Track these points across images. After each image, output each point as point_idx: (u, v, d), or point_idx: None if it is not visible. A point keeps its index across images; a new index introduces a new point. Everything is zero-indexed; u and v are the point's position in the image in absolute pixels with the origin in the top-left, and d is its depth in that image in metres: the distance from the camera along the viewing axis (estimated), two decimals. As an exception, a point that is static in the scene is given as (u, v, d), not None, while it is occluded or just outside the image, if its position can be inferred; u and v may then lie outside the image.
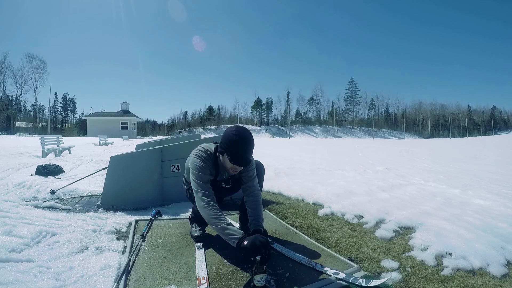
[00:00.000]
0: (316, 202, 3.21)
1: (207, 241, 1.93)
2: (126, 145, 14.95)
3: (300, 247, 1.94)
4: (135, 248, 1.82)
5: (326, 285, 1.49)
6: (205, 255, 1.76)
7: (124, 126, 38.35)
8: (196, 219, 2.00)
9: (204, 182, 1.68)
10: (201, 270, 1.57)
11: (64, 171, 4.98)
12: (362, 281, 1.48)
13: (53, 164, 4.97)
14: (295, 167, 6.28)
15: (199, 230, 2.00)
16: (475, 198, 3.45)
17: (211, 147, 1.82)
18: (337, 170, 6.01)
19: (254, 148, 1.74)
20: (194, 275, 1.52)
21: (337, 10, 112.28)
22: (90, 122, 39.73)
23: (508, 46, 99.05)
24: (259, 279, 1.39)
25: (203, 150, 1.78)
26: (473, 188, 4.14)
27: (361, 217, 2.68)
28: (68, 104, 69.66)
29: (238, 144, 1.64)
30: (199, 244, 1.88)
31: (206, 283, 1.44)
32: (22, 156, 7.85)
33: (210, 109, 73.45)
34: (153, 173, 2.99)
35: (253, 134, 1.82)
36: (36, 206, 2.76)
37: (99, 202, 2.83)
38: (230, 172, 1.76)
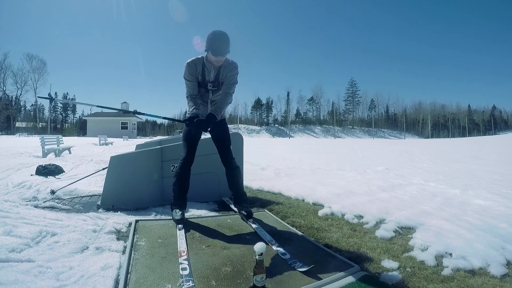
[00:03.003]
0: (316, 202, 3.20)
1: (186, 223, 2.30)
2: (126, 145, 14.97)
3: (300, 247, 1.94)
4: (135, 248, 1.82)
5: (325, 285, 1.49)
6: (185, 234, 2.07)
7: (124, 126, 38.39)
8: (176, 202, 2.42)
9: (189, 85, 2.31)
10: (182, 245, 1.88)
11: (64, 171, 4.98)
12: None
13: (53, 164, 4.97)
14: (295, 167, 6.28)
15: (180, 214, 2.33)
16: (475, 198, 3.45)
17: (201, 55, 2.30)
18: (337, 170, 6.01)
19: (229, 43, 2.15)
20: (194, 275, 1.52)
21: (337, 10, 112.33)
22: (90, 122, 39.76)
23: (508, 46, 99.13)
24: (259, 279, 1.39)
25: (190, 60, 2.28)
26: (473, 188, 4.14)
27: (361, 217, 2.68)
28: (68, 104, 69.67)
29: (213, 39, 2.12)
30: (179, 226, 2.21)
31: (186, 255, 1.73)
32: (22, 156, 7.86)
33: (210, 109, 73.27)
34: (153, 173, 2.98)
35: (253, 134, 1.94)
36: (36, 206, 2.76)
37: (99, 202, 2.83)
38: (215, 64, 2.24)
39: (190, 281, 1.44)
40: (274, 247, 1.89)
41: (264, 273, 1.41)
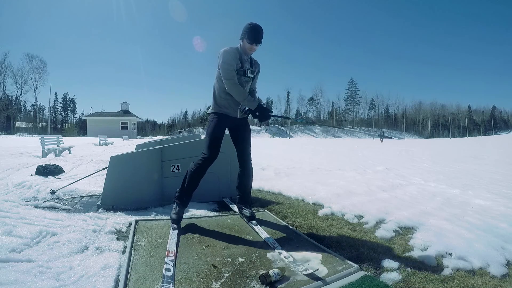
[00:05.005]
0: (316, 202, 3.20)
1: (183, 224, 2.26)
2: (126, 145, 14.96)
3: (300, 247, 1.94)
4: (135, 248, 1.82)
5: (325, 285, 1.49)
6: (177, 236, 2.02)
7: (124, 126, 38.35)
8: (180, 197, 2.30)
9: (231, 70, 2.22)
10: (172, 245, 1.85)
11: (64, 171, 4.98)
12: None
13: (53, 164, 4.97)
14: (295, 167, 6.28)
15: (178, 212, 2.26)
16: (475, 198, 3.45)
17: (234, 46, 2.34)
18: (337, 170, 6.01)
19: (263, 35, 2.26)
20: (194, 275, 1.53)
21: (337, 10, 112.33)
22: (90, 122, 39.74)
23: (508, 46, 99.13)
24: (276, 271, 1.47)
25: (228, 47, 2.28)
26: (473, 188, 4.14)
27: (361, 217, 2.68)
28: (68, 104, 69.71)
29: (251, 27, 2.24)
30: (174, 226, 2.16)
31: (173, 256, 1.70)
32: (22, 156, 7.86)
33: (210, 109, 73.30)
34: (153, 173, 2.98)
35: (253, 134, 2.00)
36: (36, 206, 2.76)
37: (99, 202, 2.83)
38: (249, 52, 2.31)
39: (171, 284, 1.42)
40: (277, 250, 1.89)
41: (283, 273, 1.50)
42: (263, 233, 2.14)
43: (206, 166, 2.29)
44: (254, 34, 2.22)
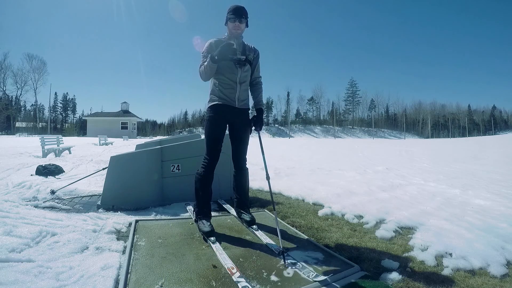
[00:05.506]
0: (316, 202, 3.20)
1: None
2: (126, 145, 14.95)
3: (300, 247, 1.94)
4: (135, 248, 1.82)
5: (325, 285, 1.49)
6: (222, 247, 1.85)
7: (124, 126, 38.33)
8: (201, 211, 2.16)
9: (203, 61, 2.14)
10: (227, 261, 1.66)
11: (64, 171, 4.98)
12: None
13: (53, 164, 4.96)
14: (295, 167, 6.28)
15: (209, 225, 2.09)
16: (475, 198, 3.45)
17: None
18: (337, 170, 6.01)
19: (247, 13, 2.18)
20: (194, 275, 1.53)
21: (338, 10, 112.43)
22: (90, 122, 39.72)
23: (508, 47, 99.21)
24: None
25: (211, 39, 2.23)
26: (473, 188, 4.14)
27: (361, 217, 2.68)
28: (68, 104, 69.72)
29: (230, 7, 2.18)
30: (212, 238, 1.97)
31: (238, 272, 1.53)
32: (22, 156, 7.85)
33: (210, 109, 73.32)
34: (153, 173, 2.98)
35: (253, 134, 2.02)
36: (36, 206, 2.76)
37: (99, 202, 2.83)
38: (235, 32, 2.17)
39: None
40: (276, 250, 1.89)
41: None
42: (261, 234, 2.14)
43: (211, 168, 2.18)
44: (232, 11, 2.15)
